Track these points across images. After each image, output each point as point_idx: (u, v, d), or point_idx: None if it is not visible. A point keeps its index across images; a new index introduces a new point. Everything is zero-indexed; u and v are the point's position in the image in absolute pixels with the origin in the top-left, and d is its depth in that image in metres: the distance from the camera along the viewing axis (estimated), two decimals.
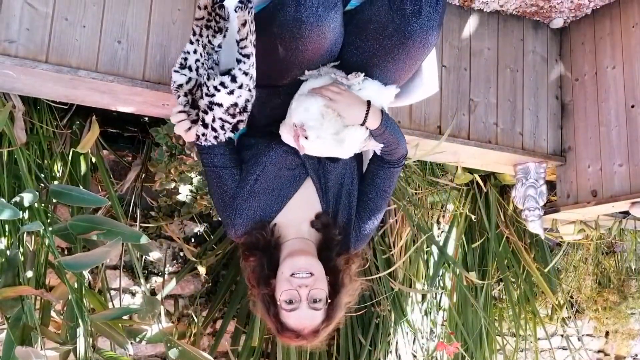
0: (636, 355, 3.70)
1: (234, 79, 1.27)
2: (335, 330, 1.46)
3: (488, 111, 2.22)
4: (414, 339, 2.66)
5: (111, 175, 2.18)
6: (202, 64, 1.34)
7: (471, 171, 2.61)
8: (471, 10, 2.22)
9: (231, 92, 1.27)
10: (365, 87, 1.40)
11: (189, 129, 1.34)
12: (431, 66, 1.51)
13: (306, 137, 1.32)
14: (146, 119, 2.21)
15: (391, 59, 1.37)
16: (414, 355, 2.64)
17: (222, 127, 1.31)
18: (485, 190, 2.75)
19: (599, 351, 3.78)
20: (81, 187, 1.82)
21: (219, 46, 1.34)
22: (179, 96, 1.36)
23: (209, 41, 1.33)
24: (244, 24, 1.24)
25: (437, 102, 2.11)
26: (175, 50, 1.72)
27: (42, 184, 1.85)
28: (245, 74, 1.27)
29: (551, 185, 2.46)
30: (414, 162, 2.43)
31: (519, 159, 2.32)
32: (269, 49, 1.32)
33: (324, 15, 1.23)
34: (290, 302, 1.27)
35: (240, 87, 1.27)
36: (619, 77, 2.19)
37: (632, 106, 2.15)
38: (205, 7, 1.31)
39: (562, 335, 3.48)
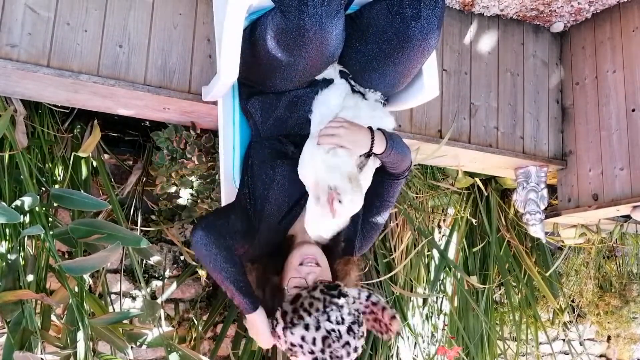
0: (638, 359, 3.68)
1: None
2: None
3: (489, 115, 2.22)
4: (415, 343, 2.65)
5: (112, 179, 2.18)
6: None
7: (472, 175, 2.61)
8: (472, 14, 2.23)
9: None
10: (372, 109, 1.42)
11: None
12: (431, 69, 1.52)
13: (340, 201, 1.27)
14: (147, 122, 2.21)
15: (391, 63, 1.37)
16: None
17: None
18: (486, 194, 2.74)
19: (601, 356, 3.77)
20: (82, 191, 1.81)
21: None
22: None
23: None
24: None
25: (437, 106, 2.11)
26: (177, 54, 1.72)
27: (43, 188, 1.85)
28: None
29: (552, 189, 2.46)
30: (415, 165, 2.43)
31: (520, 163, 2.31)
32: (271, 55, 1.32)
33: (327, 23, 1.23)
34: (298, 287, 1.28)
35: None
36: (620, 81, 2.19)
37: (633, 110, 2.15)
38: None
39: (563, 340, 3.47)
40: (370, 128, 1.35)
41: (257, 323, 1.34)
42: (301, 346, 1.21)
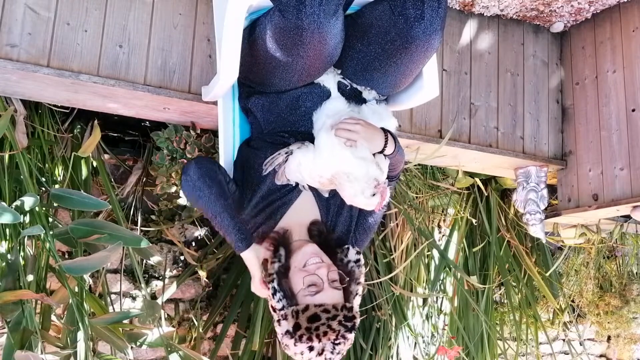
0: (638, 359, 3.68)
1: None
2: None
3: (489, 115, 2.22)
4: (415, 343, 2.65)
5: (112, 179, 2.18)
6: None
7: (472, 175, 2.61)
8: (472, 14, 2.23)
9: None
10: (375, 112, 1.43)
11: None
12: (431, 69, 1.52)
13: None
14: (147, 122, 2.21)
15: (393, 63, 1.37)
16: None
17: None
18: (486, 194, 2.74)
19: (601, 356, 3.77)
20: (82, 191, 1.81)
21: None
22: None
23: None
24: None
25: (437, 106, 2.11)
26: (177, 54, 1.72)
27: (43, 188, 1.85)
28: None
29: (552, 189, 2.46)
30: (415, 166, 2.43)
31: (520, 163, 2.31)
32: (270, 54, 1.32)
33: (325, 22, 1.23)
34: (313, 285, 1.27)
35: None
36: (620, 81, 2.19)
37: (633, 110, 2.15)
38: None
39: (563, 340, 3.47)
40: (383, 128, 1.36)
41: (248, 262, 1.36)
42: (295, 354, 1.27)
